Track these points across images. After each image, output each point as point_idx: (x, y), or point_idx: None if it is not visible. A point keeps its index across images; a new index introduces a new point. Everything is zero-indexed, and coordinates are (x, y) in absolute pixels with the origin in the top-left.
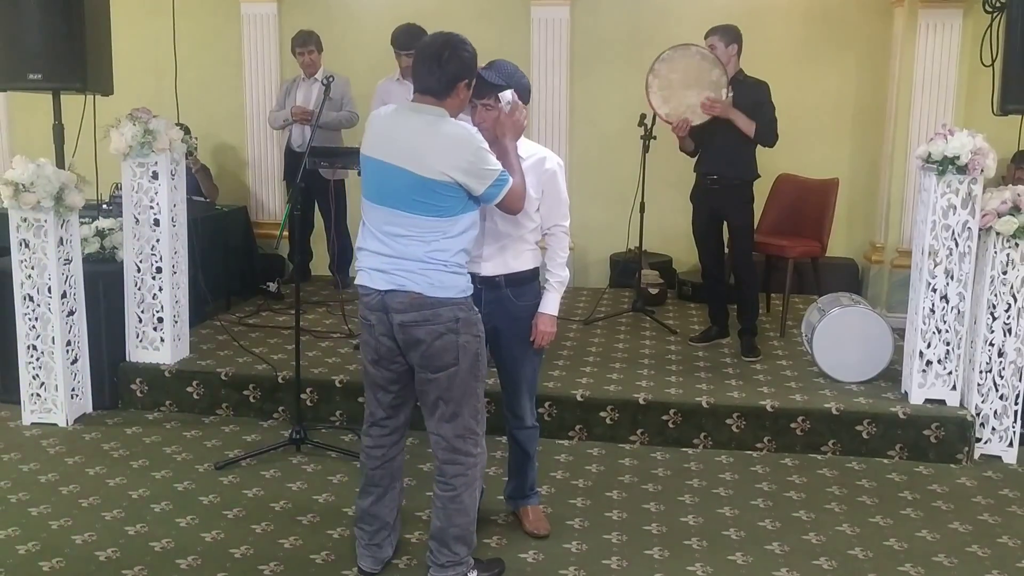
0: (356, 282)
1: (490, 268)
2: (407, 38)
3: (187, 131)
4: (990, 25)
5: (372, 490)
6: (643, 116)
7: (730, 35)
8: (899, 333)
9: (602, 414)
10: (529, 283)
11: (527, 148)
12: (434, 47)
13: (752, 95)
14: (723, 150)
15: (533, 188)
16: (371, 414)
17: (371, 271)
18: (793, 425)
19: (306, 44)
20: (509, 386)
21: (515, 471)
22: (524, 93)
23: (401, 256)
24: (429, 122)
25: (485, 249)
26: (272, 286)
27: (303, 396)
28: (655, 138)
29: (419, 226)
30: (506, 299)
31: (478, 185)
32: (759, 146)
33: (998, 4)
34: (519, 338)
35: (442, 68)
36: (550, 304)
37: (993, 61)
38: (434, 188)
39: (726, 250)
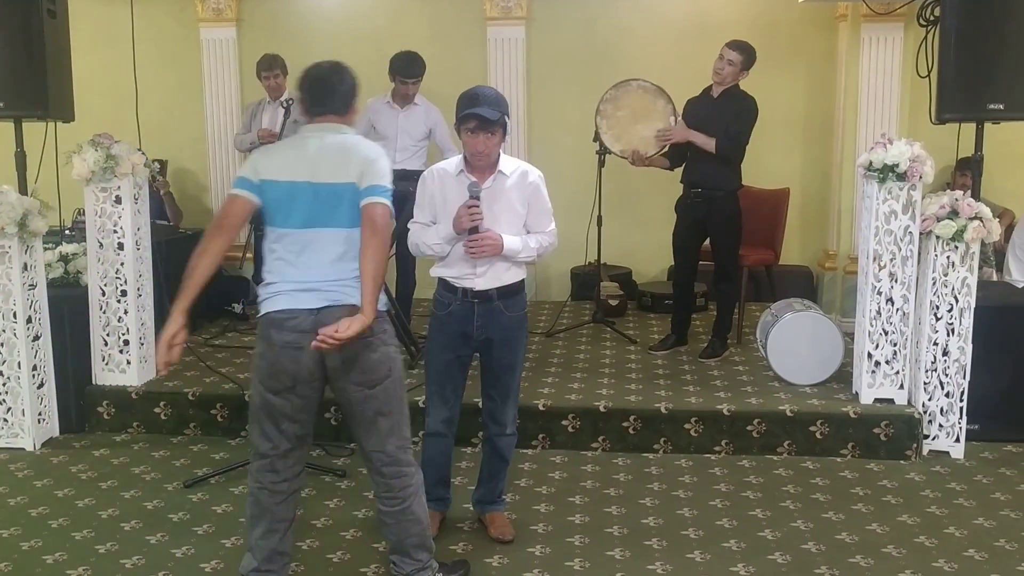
0: (272, 309)
1: (483, 283)
2: (414, 67)
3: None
4: (925, 38)
5: (279, 526)
6: (597, 132)
7: (749, 60)
8: (851, 336)
9: (564, 422)
10: (517, 294)
11: (509, 164)
12: (327, 72)
13: (736, 105)
14: (706, 162)
15: (519, 203)
16: (275, 447)
17: (294, 293)
18: (749, 428)
19: (272, 68)
20: (497, 395)
21: (487, 478)
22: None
23: (329, 274)
24: (344, 139)
25: (479, 266)
26: (237, 307)
27: None
28: (610, 152)
29: (345, 241)
30: (497, 311)
31: (367, 179)
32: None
33: (932, 17)
34: (510, 347)
35: (339, 88)
36: (511, 240)
37: (929, 72)
38: (352, 194)
39: (720, 262)
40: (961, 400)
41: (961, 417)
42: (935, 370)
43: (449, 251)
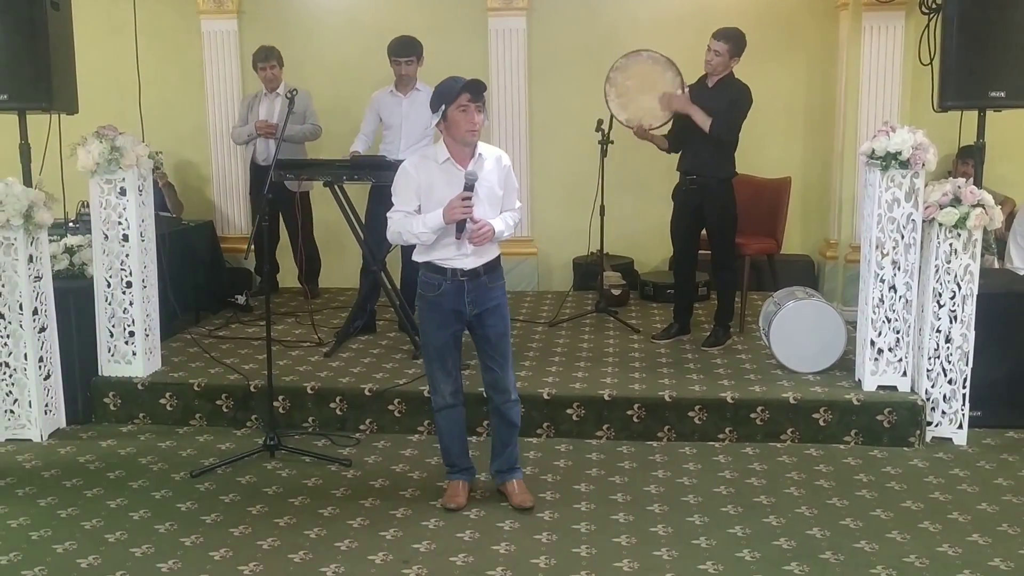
0: None
1: (471, 262)
2: (406, 46)
3: None
4: (927, 26)
5: None
6: (600, 121)
7: (737, 47)
8: (853, 325)
9: (568, 411)
10: (497, 268)
11: (484, 148)
12: None
13: (730, 93)
14: (702, 150)
15: (497, 185)
16: None
17: None
18: (753, 415)
19: (267, 59)
20: (495, 363)
21: (501, 447)
22: None
23: None
24: None
25: (468, 247)
26: (241, 299)
27: (275, 404)
28: (612, 142)
29: None
30: (483, 285)
31: None
32: (727, 145)
33: (934, 5)
34: (500, 315)
35: None
36: (497, 223)
37: (931, 60)
38: None
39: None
40: (964, 387)
41: (964, 404)
42: (938, 357)
43: (435, 239)
